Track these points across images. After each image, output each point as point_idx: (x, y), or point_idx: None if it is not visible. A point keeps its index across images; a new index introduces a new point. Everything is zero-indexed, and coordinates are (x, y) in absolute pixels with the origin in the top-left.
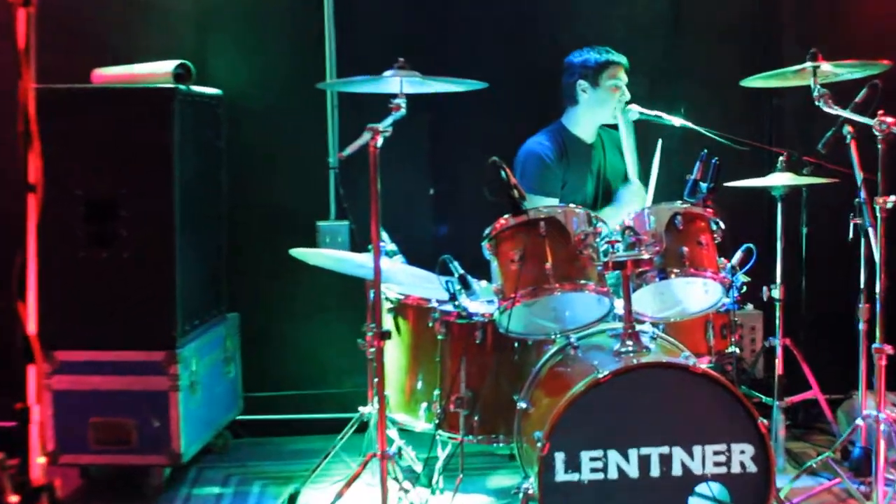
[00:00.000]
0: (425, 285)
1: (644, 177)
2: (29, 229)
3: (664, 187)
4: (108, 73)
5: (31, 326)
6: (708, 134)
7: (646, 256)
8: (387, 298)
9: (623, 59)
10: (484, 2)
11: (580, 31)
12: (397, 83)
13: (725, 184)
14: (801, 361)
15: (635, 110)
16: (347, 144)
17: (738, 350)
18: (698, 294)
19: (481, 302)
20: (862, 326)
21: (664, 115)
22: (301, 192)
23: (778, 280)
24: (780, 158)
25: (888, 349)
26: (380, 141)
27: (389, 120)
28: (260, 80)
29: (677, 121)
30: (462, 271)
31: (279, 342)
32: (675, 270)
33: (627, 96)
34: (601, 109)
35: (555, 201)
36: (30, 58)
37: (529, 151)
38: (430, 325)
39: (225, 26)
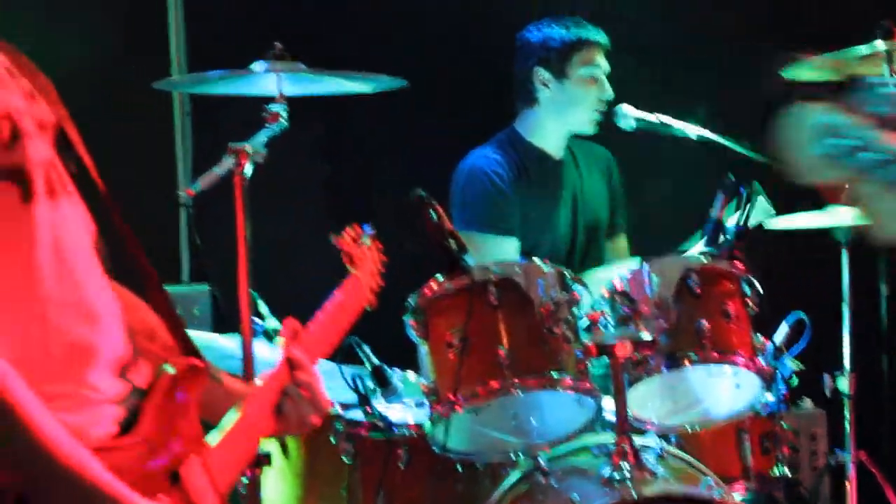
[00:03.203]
0: (323, 382)
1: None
2: None
3: (665, 230)
4: None
5: None
6: (740, 151)
7: (647, 336)
8: None
9: (601, 37)
10: None
11: None
12: (273, 81)
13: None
14: (885, 485)
15: (630, 115)
16: (205, 169)
17: (788, 472)
18: (726, 389)
19: (406, 406)
20: None
21: (671, 120)
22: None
23: (846, 365)
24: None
25: None
26: (249, 167)
27: (263, 136)
28: (72, 73)
29: (692, 129)
30: (377, 361)
31: None
32: (691, 356)
33: (609, 93)
34: (572, 112)
35: (514, 243)
36: None
37: (473, 169)
38: (333, 441)
39: None
